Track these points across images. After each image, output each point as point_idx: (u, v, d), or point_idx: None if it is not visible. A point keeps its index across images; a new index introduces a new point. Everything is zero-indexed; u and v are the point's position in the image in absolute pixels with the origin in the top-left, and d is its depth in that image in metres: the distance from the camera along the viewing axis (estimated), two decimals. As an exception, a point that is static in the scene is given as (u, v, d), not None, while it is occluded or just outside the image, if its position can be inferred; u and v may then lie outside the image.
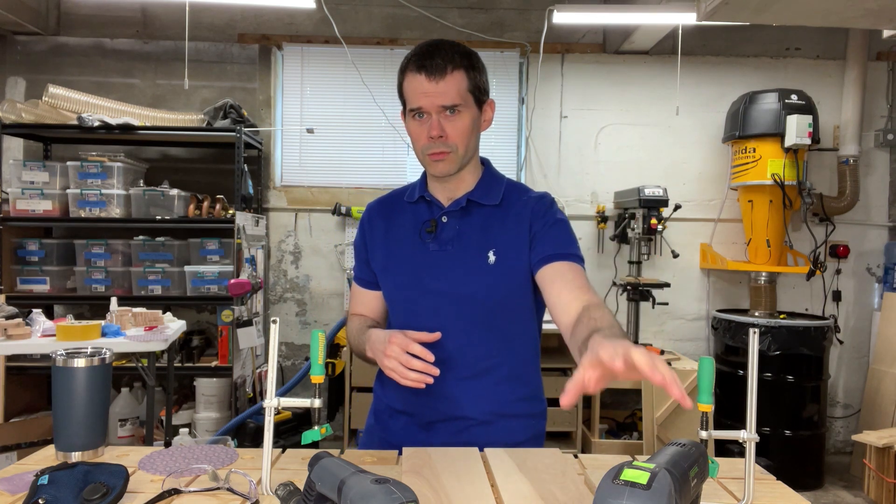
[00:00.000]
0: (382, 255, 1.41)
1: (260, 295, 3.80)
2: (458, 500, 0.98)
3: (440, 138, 1.27)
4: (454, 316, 1.32)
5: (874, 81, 4.09)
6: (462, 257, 1.33)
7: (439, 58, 1.25)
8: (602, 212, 4.00)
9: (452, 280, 1.32)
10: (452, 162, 1.30)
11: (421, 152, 1.32)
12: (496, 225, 1.35)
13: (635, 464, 0.76)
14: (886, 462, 3.09)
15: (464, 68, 1.27)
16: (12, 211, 3.41)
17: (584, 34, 4.07)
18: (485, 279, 1.32)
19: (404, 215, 1.41)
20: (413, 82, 1.27)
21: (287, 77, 4.09)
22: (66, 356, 1.15)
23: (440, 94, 1.25)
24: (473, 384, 1.33)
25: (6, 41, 3.93)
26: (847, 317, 4.17)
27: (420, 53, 1.27)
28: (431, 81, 1.25)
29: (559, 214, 1.36)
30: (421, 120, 1.29)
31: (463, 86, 1.27)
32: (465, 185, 1.38)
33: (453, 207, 1.36)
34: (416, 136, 1.31)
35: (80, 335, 2.41)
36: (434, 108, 1.26)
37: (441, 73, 1.25)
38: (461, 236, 1.34)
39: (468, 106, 1.29)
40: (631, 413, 3.88)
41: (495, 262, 1.32)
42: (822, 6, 2.48)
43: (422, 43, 1.30)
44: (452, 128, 1.28)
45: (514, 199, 1.38)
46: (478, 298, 1.32)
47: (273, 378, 1.07)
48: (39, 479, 0.94)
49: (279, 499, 0.92)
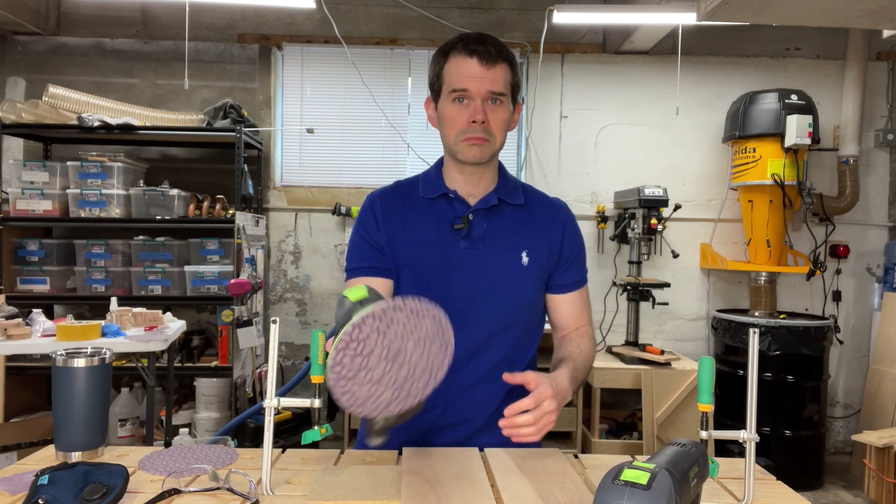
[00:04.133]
0: (405, 249, 1.34)
1: (260, 295, 3.80)
2: (458, 500, 0.98)
3: (483, 124, 1.26)
4: (483, 316, 1.31)
5: (874, 81, 4.09)
6: (495, 257, 1.32)
7: (491, 45, 1.26)
8: (602, 212, 4.00)
9: (486, 279, 1.31)
10: (488, 150, 1.29)
11: (455, 137, 1.29)
12: (525, 226, 1.36)
13: (635, 464, 0.76)
14: (886, 462, 3.09)
15: (509, 63, 1.29)
16: (12, 211, 3.41)
17: (584, 34, 4.07)
18: (519, 280, 1.33)
19: (424, 210, 1.36)
20: (462, 65, 1.27)
21: (287, 77, 4.09)
22: (66, 356, 1.15)
23: (490, 80, 1.26)
24: (485, 386, 1.33)
25: (6, 41, 3.93)
26: (847, 317, 4.17)
27: (471, 39, 1.27)
28: (483, 66, 1.25)
29: (580, 233, 1.44)
30: (462, 105, 1.28)
31: (508, 78, 1.29)
32: (486, 181, 1.37)
33: (482, 205, 1.35)
34: (452, 119, 1.29)
35: (80, 335, 2.41)
36: (481, 94, 1.26)
37: (493, 60, 1.26)
38: (491, 235, 1.33)
39: (508, 99, 1.30)
40: (631, 413, 3.88)
41: (528, 264, 1.34)
42: (822, 6, 2.48)
43: (465, 33, 1.31)
44: (494, 116, 1.28)
45: (538, 203, 1.42)
46: (511, 298, 1.32)
47: (273, 378, 1.07)
48: (39, 479, 0.94)
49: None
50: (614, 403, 3.98)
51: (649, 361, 3.48)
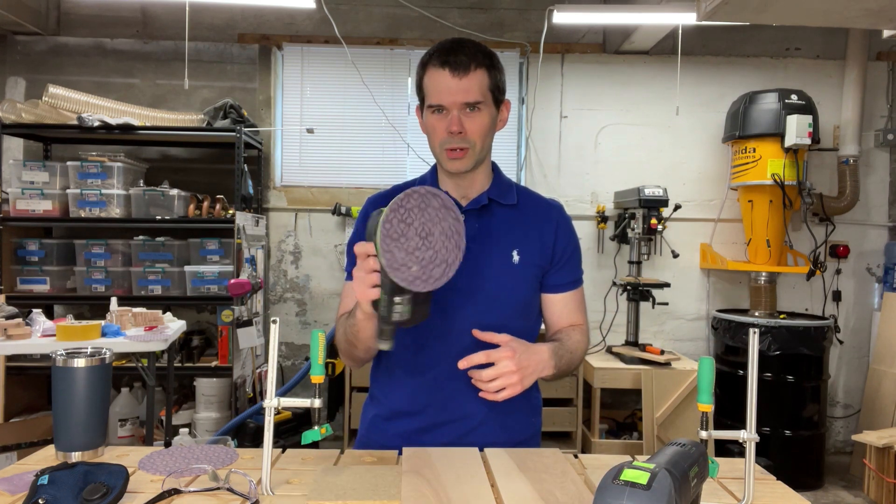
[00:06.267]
0: None
1: (260, 295, 3.80)
2: (458, 500, 0.98)
3: (459, 134, 1.28)
4: (476, 314, 1.31)
5: (874, 81, 4.09)
6: (487, 256, 1.33)
7: (463, 55, 1.26)
8: (602, 212, 4.00)
9: (478, 278, 1.32)
10: (470, 158, 1.31)
11: (438, 147, 1.32)
12: (517, 226, 1.37)
13: (635, 464, 0.76)
14: (886, 462, 3.09)
15: (486, 67, 1.28)
16: (12, 211, 3.41)
17: (584, 34, 4.07)
18: (510, 278, 1.34)
19: None
20: (435, 77, 1.28)
21: (287, 77, 4.09)
22: (66, 356, 1.15)
23: (462, 91, 1.26)
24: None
25: (6, 41, 3.93)
26: (847, 317, 4.17)
27: (444, 49, 1.28)
28: (455, 78, 1.26)
29: (575, 233, 1.45)
30: (440, 115, 1.29)
31: (484, 84, 1.28)
32: (478, 184, 1.38)
33: (473, 206, 1.37)
34: (434, 130, 1.31)
35: (80, 335, 2.41)
36: (455, 105, 1.27)
37: (465, 70, 1.26)
38: (482, 235, 1.34)
39: (488, 104, 1.30)
40: (631, 413, 3.88)
41: (519, 263, 1.35)
42: (822, 6, 2.48)
43: (444, 40, 1.31)
44: (472, 124, 1.28)
45: (531, 203, 1.42)
46: (502, 297, 1.33)
47: (273, 378, 1.07)
48: (39, 479, 0.94)
49: None
50: (614, 403, 3.98)
51: (649, 361, 3.48)
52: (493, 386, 1.20)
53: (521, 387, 1.22)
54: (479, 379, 1.21)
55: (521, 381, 1.21)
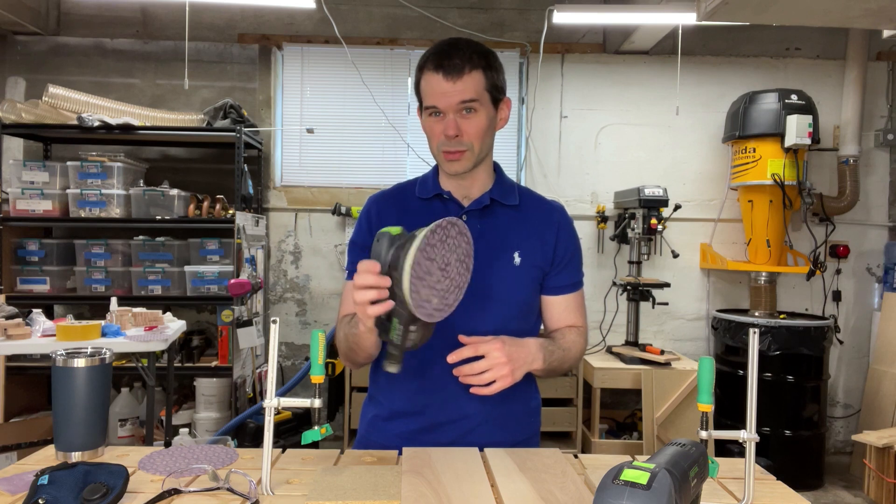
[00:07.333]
0: None
1: (260, 295, 3.81)
2: (458, 500, 0.98)
3: (456, 137, 1.28)
4: (476, 315, 1.31)
5: (874, 81, 4.09)
6: (487, 257, 1.33)
7: (457, 58, 1.25)
8: (602, 212, 4.00)
9: (479, 279, 1.31)
10: (468, 160, 1.31)
11: (436, 149, 1.32)
12: (518, 227, 1.37)
13: (635, 464, 0.76)
14: (886, 462, 3.09)
15: (481, 68, 1.28)
16: (12, 211, 3.41)
17: (584, 34, 4.07)
18: (511, 280, 1.34)
19: (419, 211, 1.38)
20: (431, 81, 1.27)
21: (287, 77, 4.09)
22: (66, 356, 1.15)
23: (458, 93, 1.26)
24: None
25: (6, 41, 3.93)
26: (847, 317, 4.17)
27: (438, 52, 1.27)
28: (449, 81, 1.25)
29: (577, 235, 1.45)
30: (437, 118, 1.29)
31: (480, 85, 1.28)
32: (479, 184, 1.38)
33: (475, 206, 1.36)
34: (431, 133, 1.32)
35: (80, 335, 2.41)
36: (451, 108, 1.27)
37: (459, 72, 1.25)
38: (484, 235, 1.34)
39: (484, 105, 1.29)
40: (631, 413, 3.88)
41: (520, 264, 1.35)
42: (822, 6, 2.48)
43: (440, 42, 1.31)
44: (469, 126, 1.28)
45: (533, 204, 1.42)
46: (503, 298, 1.33)
47: (273, 378, 1.07)
48: (39, 479, 0.94)
49: None
50: (614, 403, 3.98)
51: (649, 361, 3.48)
52: (483, 378, 1.20)
53: (512, 379, 1.22)
54: (471, 372, 1.20)
55: (511, 374, 1.21)
